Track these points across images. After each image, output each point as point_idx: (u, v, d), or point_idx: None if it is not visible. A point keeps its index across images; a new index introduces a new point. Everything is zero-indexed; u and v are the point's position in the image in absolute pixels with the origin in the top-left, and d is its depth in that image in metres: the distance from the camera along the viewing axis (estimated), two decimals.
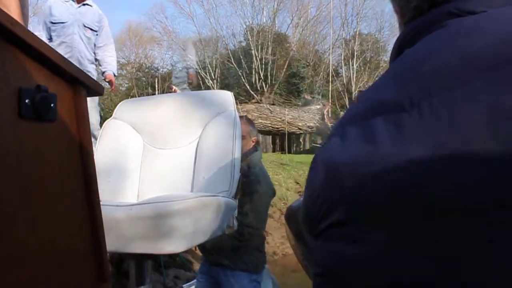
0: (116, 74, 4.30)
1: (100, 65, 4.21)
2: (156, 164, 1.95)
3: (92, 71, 4.11)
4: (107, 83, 4.23)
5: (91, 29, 4.04)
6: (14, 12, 2.30)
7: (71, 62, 0.82)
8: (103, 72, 4.20)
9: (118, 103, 2.12)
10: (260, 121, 12.01)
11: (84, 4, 4.03)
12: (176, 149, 1.96)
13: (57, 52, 0.79)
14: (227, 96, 1.99)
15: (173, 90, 3.11)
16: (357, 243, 0.55)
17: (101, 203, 0.89)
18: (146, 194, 1.89)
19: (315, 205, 0.62)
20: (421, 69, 0.59)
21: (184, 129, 1.96)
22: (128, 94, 21.22)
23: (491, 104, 0.50)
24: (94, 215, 0.87)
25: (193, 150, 1.92)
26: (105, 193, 1.86)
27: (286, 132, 12.37)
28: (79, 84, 0.84)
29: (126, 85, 23.18)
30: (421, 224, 0.50)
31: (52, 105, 0.76)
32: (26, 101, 0.71)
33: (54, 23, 3.87)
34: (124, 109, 2.05)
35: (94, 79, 0.89)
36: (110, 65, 4.18)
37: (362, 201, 0.55)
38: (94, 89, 0.88)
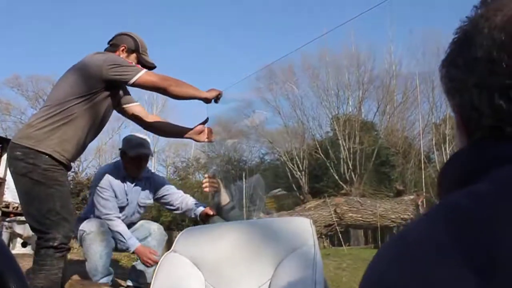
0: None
1: (189, 212, 3.44)
2: None
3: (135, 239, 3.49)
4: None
5: (144, 206, 3.59)
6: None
7: None
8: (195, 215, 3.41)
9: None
10: (350, 215, 11.41)
11: (139, 180, 3.50)
12: None
13: None
14: (305, 225, 1.65)
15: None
16: None
17: None
18: None
19: None
20: None
21: (252, 268, 1.63)
22: None
23: None
24: None
25: None
26: None
27: (379, 226, 11.64)
28: None
29: None
30: None
31: None
32: None
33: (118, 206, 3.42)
34: (185, 242, 1.77)
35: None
36: (195, 204, 3.41)
37: None
38: None
